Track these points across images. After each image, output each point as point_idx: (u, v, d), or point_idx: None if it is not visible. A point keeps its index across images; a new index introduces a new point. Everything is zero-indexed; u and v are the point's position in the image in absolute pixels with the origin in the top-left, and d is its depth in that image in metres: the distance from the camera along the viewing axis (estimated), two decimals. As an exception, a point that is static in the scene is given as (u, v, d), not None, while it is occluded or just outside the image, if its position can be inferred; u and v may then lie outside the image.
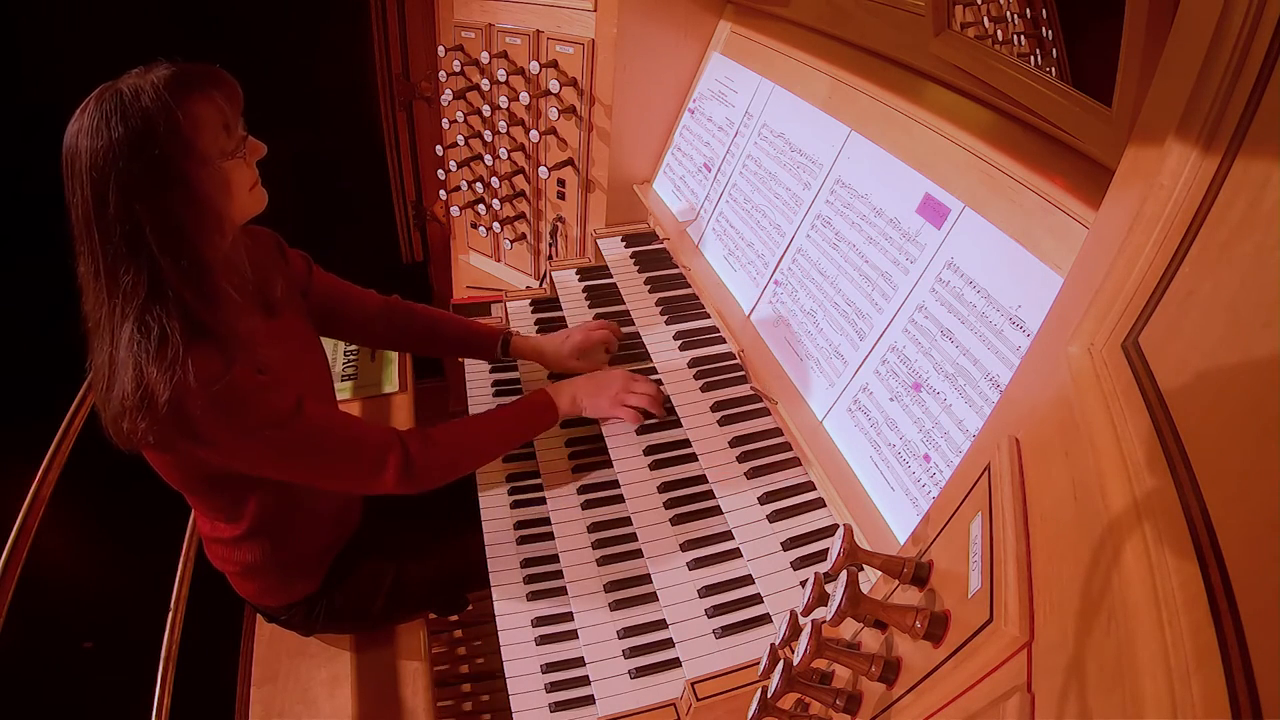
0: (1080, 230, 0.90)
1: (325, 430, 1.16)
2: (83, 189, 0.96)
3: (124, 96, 0.96)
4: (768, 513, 1.20)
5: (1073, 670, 0.44)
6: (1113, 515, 0.47)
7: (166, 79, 0.99)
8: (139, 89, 0.97)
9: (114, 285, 0.99)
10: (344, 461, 1.18)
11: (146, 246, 0.98)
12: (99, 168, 0.95)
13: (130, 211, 0.96)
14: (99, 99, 0.97)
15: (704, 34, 1.83)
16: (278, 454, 1.12)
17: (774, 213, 1.48)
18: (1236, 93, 0.52)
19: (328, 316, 1.47)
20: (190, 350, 0.99)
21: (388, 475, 1.19)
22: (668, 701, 1.08)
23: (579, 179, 1.95)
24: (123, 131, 0.95)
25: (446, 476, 1.27)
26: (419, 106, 2.39)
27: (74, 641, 2.15)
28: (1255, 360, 0.42)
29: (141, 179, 0.96)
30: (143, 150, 0.95)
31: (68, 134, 0.98)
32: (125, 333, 0.99)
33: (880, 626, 0.69)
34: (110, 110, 0.95)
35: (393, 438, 1.21)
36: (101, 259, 0.98)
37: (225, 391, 1.02)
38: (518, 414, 1.37)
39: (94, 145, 0.95)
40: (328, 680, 1.44)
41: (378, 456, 1.18)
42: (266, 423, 1.08)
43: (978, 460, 0.70)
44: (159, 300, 0.99)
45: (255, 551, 1.29)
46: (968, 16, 1.08)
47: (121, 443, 1.04)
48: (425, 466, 1.22)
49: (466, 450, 1.30)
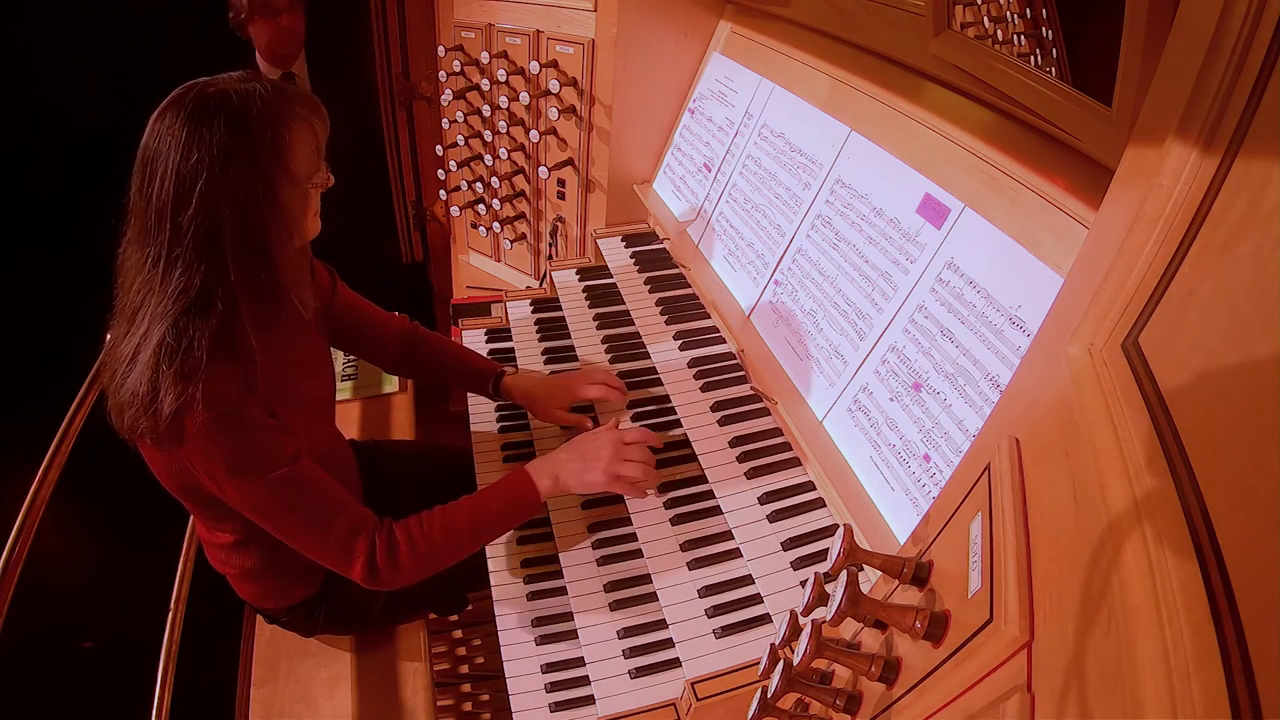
0: (1080, 230, 0.90)
1: (310, 492, 1.11)
2: (163, 182, 0.96)
3: (232, 101, 0.97)
4: (768, 513, 1.20)
5: (1073, 670, 0.44)
6: (1113, 515, 0.47)
7: (274, 94, 1.00)
8: (247, 96, 0.98)
9: (167, 279, 0.99)
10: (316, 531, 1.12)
11: (220, 251, 0.98)
12: (190, 166, 0.95)
13: (214, 215, 0.97)
14: (199, 99, 0.97)
15: (704, 34, 1.83)
16: (255, 502, 1.08)
17: (774, 213, 1.48)
18: (1236, 93, 0.52)
19: (345, 332, 1.46)
20: (210, 367, 0.99)
21: (356, 565, 1.13)
22: (668, 701, 1.08)
23: (579, 179, 1.95)
24: (225, 133, 0.95)
25: (418, 577, 1.18)
26: (419, 106, 2.39)
27: (74, 641, 2.16)
28: (1255, 360, 0.42)
29: (236, 183, 0.97)
30: (243, 156, 0.96)
31: (152, 127, 0.98)
32: (157, 332, 0.99)
33: (880, 626, 0.69)
34: (214, 111, 0.96)
35: (367, 524, 1.15)
36: (164, 250, 0.98)
37: (229, 420, 1.01)
38: (499, 505, 1.24)
39: (189, 143, 0.95)
40: (328, 680, 1.44)
41: (348, 539, 1.13)
42: (256, 467, 1.05)
43: (978, 460, 0.70)
44: (205, 307, 0.99)
45: (254, 557, 1.29)
46: (968, 16, 1.08)
47: (121, 430, 1.05)
48: (391, 569, 1.14)
49: (438, 554, 1.19)
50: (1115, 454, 0.50)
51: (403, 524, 1.17)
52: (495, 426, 1.62)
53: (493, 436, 1.60)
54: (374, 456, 1.59)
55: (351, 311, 1.47)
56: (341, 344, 1.48)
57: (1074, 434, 0.56)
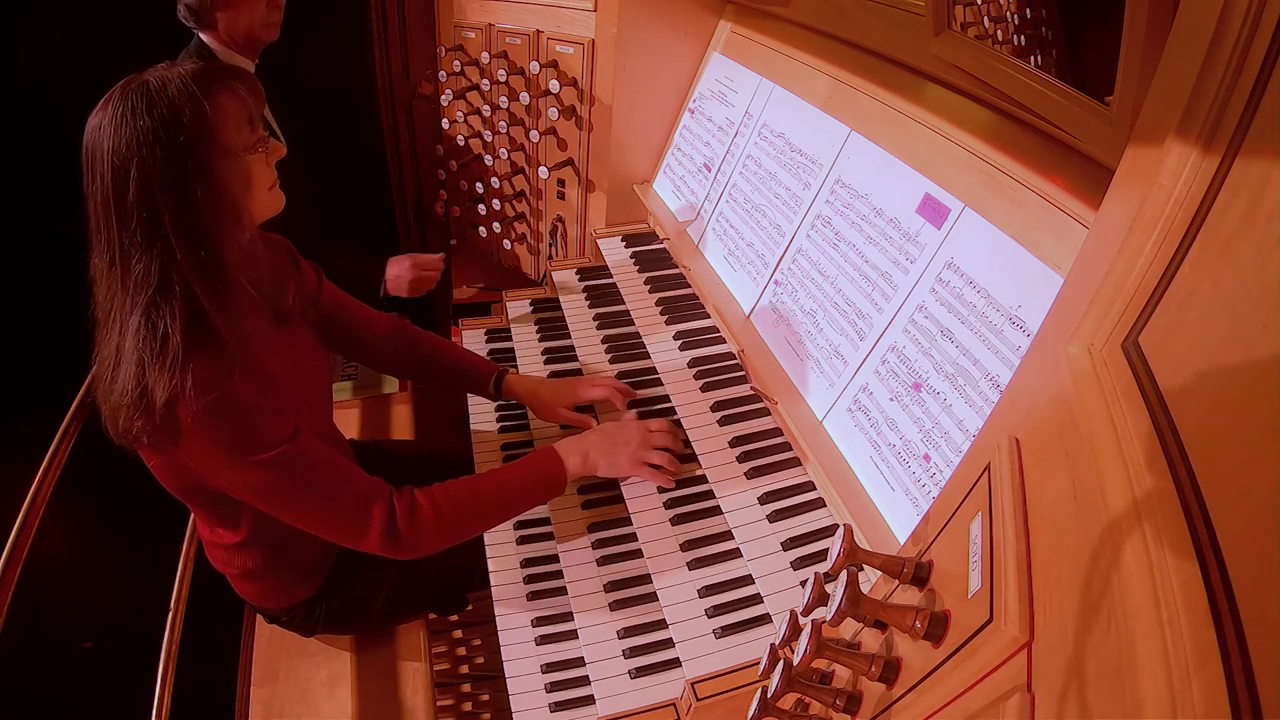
0: (1080, 230, 0.90)
1: (315, 466, 1.11)
2: (103, 177, 0.96)
3: (150, 86, 0.97)
4: (768, 513, 1.20)
5: (1073, 670, 0.44)
6: (1113, 515, 0.47)
7: (193, 71, 1.00)
8: (166, 79, 0.98)
9: (126, 274, 0.99)
10: (326, 502, 1.12)
11: (164, 235, 0.98)
12: (121, 155, 0.95)
13: (150, 199, 0.96)
14: (124, 90, 0.98)
15: (704, 34, 1.83)
16: (261, 484, 1.08)
17: (774, 213, 1.48)
18: (1236, 93, 0.52)
19: (334, 331, 1.45)
20: (191, 356, 0.99)
21: (372, 531, 1.13)
22: (668, 701, 1.08)
23: (579, 179, 1.95)
24: (148, 120, 0.95)
25: (439, 545, 1.18)
26: (419, 106, 2.39)
27: (74, 641, 2.16)
28: (1255, 360, 0.42)
29: (164, 166, 0.96)
30: (167, 138, 0.96)
31: (89, 124, 0.98)
32: (132, 325, 0.99)
33: (880, 626, 0.69)
34: (137, 100, 0.96)
35: (381, 489, 1.15)
36: (117, 247, 0.98)
37: (222, 405, 1.01)
38: (523, 478, 1.25)
39: (118, 133, 0.95)
40: (328, 680, 1.44)
41: (361, 507, 1.12)
42: (256, 446, 1.05)
43: (978, 460, 0.70)
44: (167, 295, 0.99)
45: (255, 557, 1.29)
46: (968, 16, 1.08)
47: (117, 438, 1.04)
48: (413, 531, 1.14)
49: (463, 521, 1.20)
50: (1115, 454, 0.50)
51: (425, 489, 1.18)
52: (495, 426, 1.62)
53: (493, 436, 1.60)
54: (374, 457, 1.59)
55: (339, 309, 1.46)
56: (332, 344, 1.47)
57: (1074, 434, 0.56)
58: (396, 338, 1.52)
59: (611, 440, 1.29)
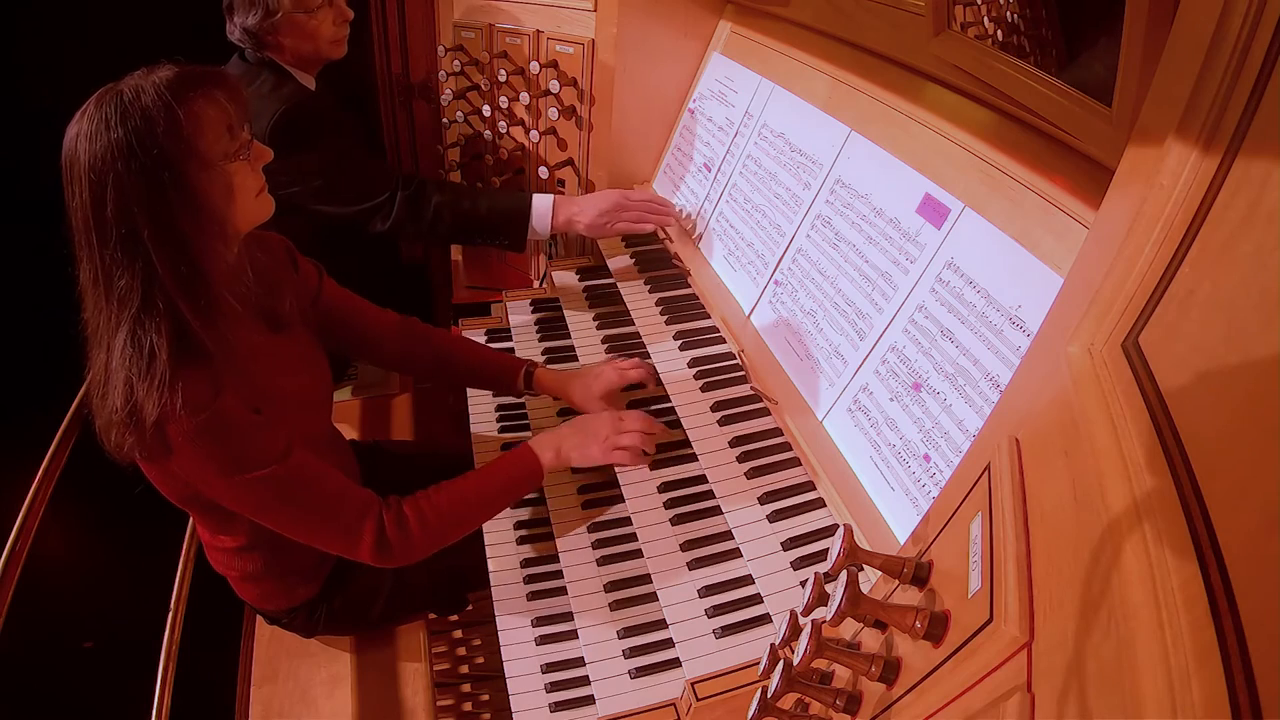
0: (1080, 230, 0.90)
1: (307, 482, 1.11)
2: (81, 192, 0.94)
3: (124, 97, 0.94)
4: (768, 513, 1.20)
5: (1073, 670, 0.44)
6: (1113, 515, 0.47)
7: (168, 79, 0.97)
8: (140, 89, 0.95)
9: (110, 291, 0.96)
10: (317, 518, 1.13)
11: (144, 251, 0.95)
12: (98, 169, 0.93)
13: (128, 214, 0.94)
14: (99, 100, 0.95)
15: (704, 34, 1.82)
16: (252, 499, 1.08)
17: (774, 213, 1.48)
18: (1236, 93, 0.52)
19: (337, 329, 1.41)
20: (179, 374, 0.97)
21: (363, 545, 1.14)
22: (668, 701, 1.08)
23: (579, 179, 1.95)
24: (122, 132, 0.93)
25: (429, 551, 1.20)
26: (419, 106, 2.39)
27: (74, 641, 2.16)
28: (1255, 360, 0.42)
29: (140, 180, 0.93)
30: (142, 150, 0.93)
31: (67, 136, 0.96)
32: (118, 343, 0.97)
33: (880, 626, 0.69)
34: (110, 111, 0.93)
35: (371, 504, 1.16)
36: (99, 264, 0.96)
37: (213, 424, 0.99)
38: (503, 478, 1.28)
39: (93, 146, 0.93)
40: (327, 680, 1.44)
41: (352, 523, 1.14)
42: (247, 465, 1.04)
43: (978, 460, 0.70)
44: (151, 311, 0.97)
45: (255, 560, 1.29)
46: (968, 16, 1.08)
47: (111, 452, 1.03)
48: (403, 542, 1.16)
49: (449, 526, 1.22)
50: (1115, 454, 0.50)
51: (410, 499, 1.20)
52: (495, 427, 1.62)
53: (493, 436, 1.60)
54: (374, 457, 1.59)
55: (341, 306, 1.42)
56: (335, 342, 1.43)
57: (1074, 434, 0.56)
58: (408, 333, 1.49)
59: (584, 433, 1.31)
